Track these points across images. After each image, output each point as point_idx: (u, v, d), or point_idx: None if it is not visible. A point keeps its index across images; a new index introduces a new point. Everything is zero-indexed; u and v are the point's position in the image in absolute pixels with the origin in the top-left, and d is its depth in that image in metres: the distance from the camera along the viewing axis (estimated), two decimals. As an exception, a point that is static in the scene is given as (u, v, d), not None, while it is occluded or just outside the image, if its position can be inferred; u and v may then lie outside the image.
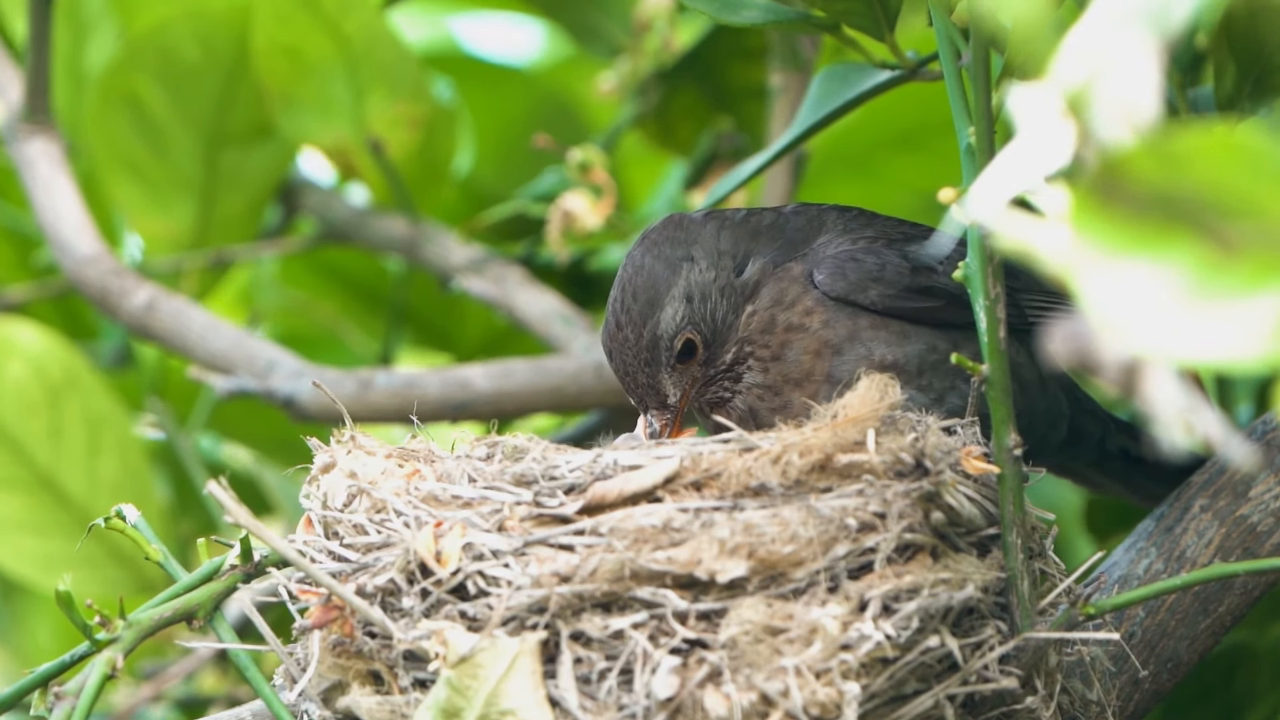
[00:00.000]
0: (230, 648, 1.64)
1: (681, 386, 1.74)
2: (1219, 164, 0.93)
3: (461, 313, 2.62)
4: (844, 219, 1.79)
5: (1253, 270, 0.94)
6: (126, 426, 2.41)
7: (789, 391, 1.73)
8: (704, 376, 1.74)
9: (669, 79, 2.46)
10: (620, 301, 1.74)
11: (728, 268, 1.75)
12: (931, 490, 1.58)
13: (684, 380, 1.74)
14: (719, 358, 1.74)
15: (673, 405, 1.74)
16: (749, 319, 1.73)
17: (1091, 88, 0.98)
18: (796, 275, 1.74)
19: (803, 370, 1.72)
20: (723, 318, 1.73)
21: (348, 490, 1.64)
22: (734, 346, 1.74)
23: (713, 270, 1.74)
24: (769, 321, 1.73)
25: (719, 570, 1.54)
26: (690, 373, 1.74)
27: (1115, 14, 0.98)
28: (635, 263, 1.75)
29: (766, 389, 1.73)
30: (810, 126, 1.87)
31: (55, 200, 2.36)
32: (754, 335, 1.73)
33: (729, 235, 1.76)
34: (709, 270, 1.74)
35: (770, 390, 1.73)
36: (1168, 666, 1.79)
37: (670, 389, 1.74)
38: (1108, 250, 0.97)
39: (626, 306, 1.73)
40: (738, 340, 1.73)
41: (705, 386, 1.75)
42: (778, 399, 1.73)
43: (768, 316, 1.73)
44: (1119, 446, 1.90)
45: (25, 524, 2.39)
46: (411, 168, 2.45)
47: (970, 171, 1.56)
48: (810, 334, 1.73)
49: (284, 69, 2.39)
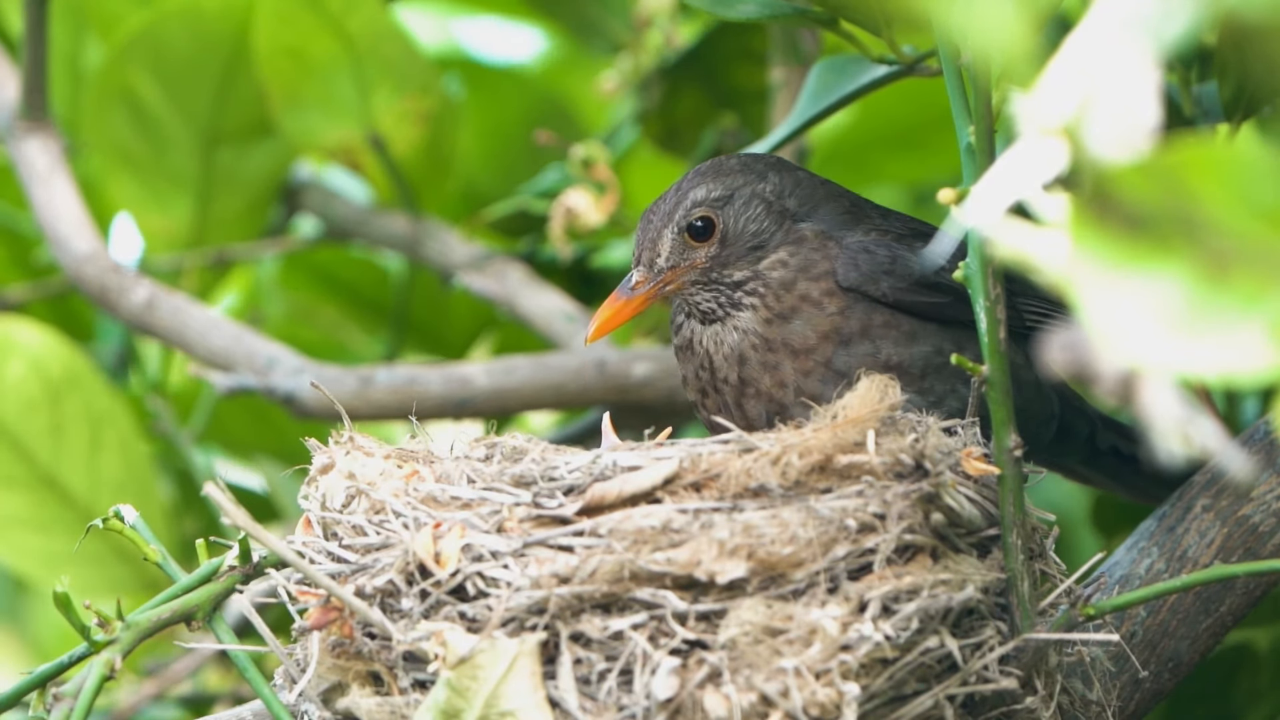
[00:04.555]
0: (230, 649, 1.64)
1: (676, 260, 1.74)
2: (1213, 180, 0.92)
3: (461, 314, 2.62)
4: (858, 206, 1.79)
5: (1247, 285, 0.93)
6: (128, 425, 2.41)
7: (784, 356, 1.72)
8: (703, 271, 1.74)
9: (671, 78, 2.46)
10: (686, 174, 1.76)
11: (790, 209, 1.75)
12: (931, 491, 1.57)
13: (683, 256, 1.74)
14: (727, 265, 1.74)
15: (659, 270, 1.74)
16: (774, 264, 1.73)
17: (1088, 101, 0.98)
18: (832, 254, 1.74)
19: (805, 343, 1.72)
20: (754, 233, 1.74)
21: (346, 491, 1.64)
22: (747, 270, 1.73)
23: (775, 197, 1.75)
24: (790, 280, 1.73)
25: (718, 571, 1.54)
26: (693, 255, 1.74)
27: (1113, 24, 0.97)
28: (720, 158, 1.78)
29: (763, 340, 1.73)
30: (808, 119, 1.87)
31: (54, 198, 2.36)
32: (770, 281, 1.73)
33: (807, 188, 1.77)
34: (772, 194, 1.75)
35: (766, 344, 1.73)
36: (1169, 666, 1.79)
37: (666, 250, 1.74)
38: (1105, 263, 0.96)
39: (687, 176, 1.76)
40: (754, 271, 1.73)
41: (699, 286, 1.74)
42: (771, 356, 1.73)
43: (790, 276, 1.73)
44: (1108, 444, 1.90)
45: (28, 521, 2.40)
46: (418, 163, 2.44)
47: (970, 171, 1.55)
48: (823, 313, 1.72)
49: (288, 70, 2.39)
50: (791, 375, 1.71)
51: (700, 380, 1.76)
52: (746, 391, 1.74)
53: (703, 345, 1.75)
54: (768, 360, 1.72)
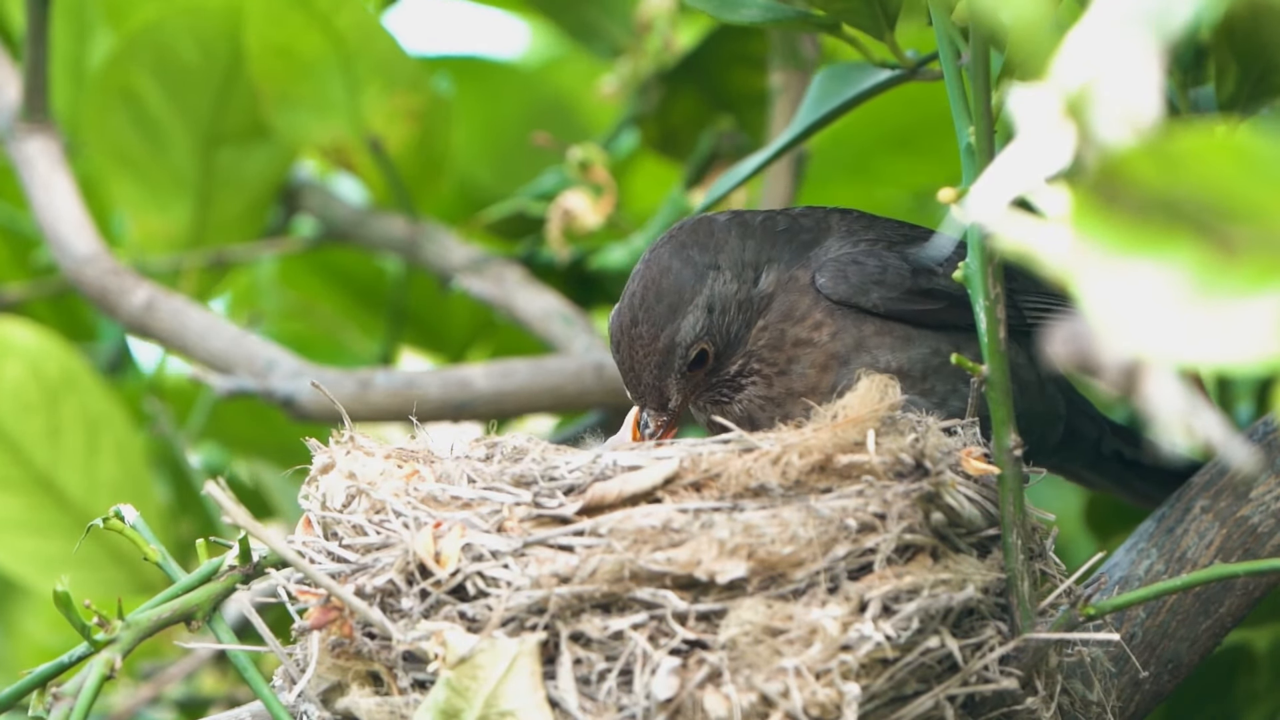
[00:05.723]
0: (229, 649, 1.64)
1: (684, 391, 1.74)
2: (1219, 165, 0.92)
3: (459, 314, 2.62)
4: (845, 221, 1.79)
5: (1253, 272, 0.94)
6: (125, 427, 2.40)
7: (790, 402, 1.73)
8: (705, 384, 1.74)
9: (670, 82, 2.46)
10: (640, 298, 1.72)
11: (749, 280, 1.74)
12: (931, 491, 1.58)
13: (687, 386, 1.73)
14: (724, 367, 1.74)
15: (672, 409, 1.74)
16: (759, 333, 1.73)
17: (1092, 89, 0.98)
18: (805, 285, 1.73)
19: (808, 384, 1.73)
20: (736, 331, 1.73)
21: (346, 491, 1.64)
22: (741, 359, 1.73)
23: (735, 282, 1.73)
24: (778, 338, 1.73)
25: (719, 571, 1.54)
26: (695, 380, 1.74)
27: (1116, 15, 0.98)
28: (662, 262, 1.73)
29: (768, 400, 1.74)
30: (810, 125, 1.87)
31: (54, 199, 2.36)
32: (762, 351, 1.73)
33: (752, 244, 1.75)
34: (732, 282, 1.73)
35: (772, 402, 1.74)
36: (1168, 667, 1.79)
37: (674, 393, 1.73)
38: (1108, 252, 0.96)
39: (647, 305, 1.71)
40: (745, 354, 1.73)
41: (705, 392, 1.75)
42: (780, 410, 1.73)
43: (777, 332, 1.73)
44: (1113, 450, 1.90)
45: (24, 524, 2.39)
46: (410, 162, 2.44)
47: (970, 171, 1.55)
48: (818, 348, 1.73)
49: (278, 69, 2.39)
50: (800, 410, 1.72)
51: (712, 429, 1.76)
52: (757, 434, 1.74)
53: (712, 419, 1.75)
54: (777, 414, 1.73)
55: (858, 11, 1.76)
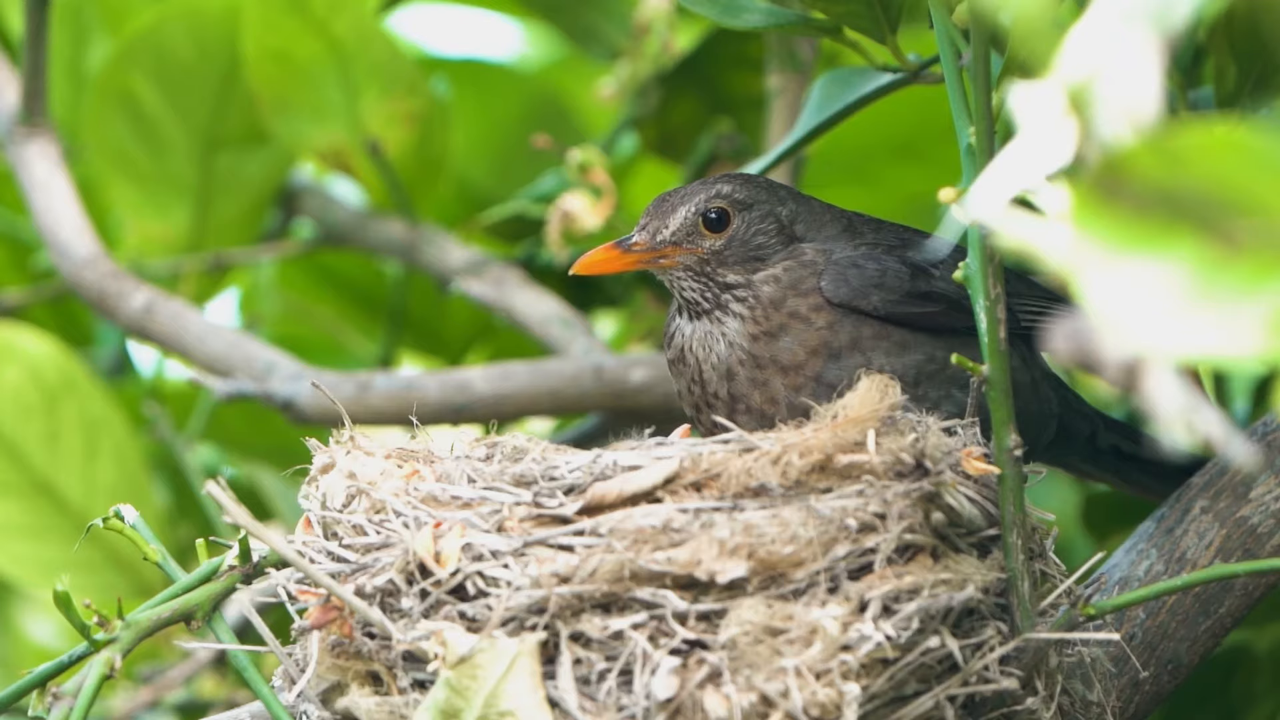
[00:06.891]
0: (229, 649, 1.64)
1: (681, 238, 1.75)
2: (1221, 161, 0.92)
3: (458, 316, 2.62)
4: (853, 223, 1.80)
5: (1255, 267, 0.94)
6: (124, 431, 2.40)
7: (773, 373, 1.73)
8: (700, 260, 1.75)
9: (668, 84, 2.46)
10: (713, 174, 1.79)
11: (798, 234, 1.77)
12: (932, 491, 1.58)
13: (688, 238, 1.75)
14: (724, 265, 1.75)
15: (661, 240, 1.75)
16: (767, 278, 1.74)
17: (1093, 86, 0.98)
18: (820, 269, 1.75)
19: (794, 360, 1.73)
20: (758, 245, 1.75)
21: (347, 491, 1.64)
22: (741, 277, 1.74)
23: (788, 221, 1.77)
24: (779, 298, 1.74)
25: (719, 571, 1.54)
26: (698, 241, 1.75)
27: (1117, 12, 0.98)
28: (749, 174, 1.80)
29: (751, 357, 1.74)
30: (812, 129, 1.87)
31: (53, 203, 2.36)
32: (760, 295, 1.74)
33: (816, 213, 1.79)
34: (786, 217, 1.77)
35: (755, 361, 1.73)
36: (1168, 668, 1.79)
37: (674, 225, 1.75)
38: (1110, 248, 0.96)
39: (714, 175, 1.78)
40: (747, 280, 1.74)
41: (691, 274, 1.75)
42: (760, 373, 1.73)
43: (780, 293, 1.74)
44: (1109, 444, 1.90)
45: (22, 528, 2.39)
46: (408, 165, 2.45)
47: (970, 171, 1.55)
48: (811, 329, 1.73)
49: (275, 74, 2.39)
50: (782, 391, 1.72)
51: (693, 395, 1.77)
52: (737, 407, 1.74)
53: (693, 353, 1.75)
54: (756, 377, 1.73)
55: (860, 15, 1.76)
